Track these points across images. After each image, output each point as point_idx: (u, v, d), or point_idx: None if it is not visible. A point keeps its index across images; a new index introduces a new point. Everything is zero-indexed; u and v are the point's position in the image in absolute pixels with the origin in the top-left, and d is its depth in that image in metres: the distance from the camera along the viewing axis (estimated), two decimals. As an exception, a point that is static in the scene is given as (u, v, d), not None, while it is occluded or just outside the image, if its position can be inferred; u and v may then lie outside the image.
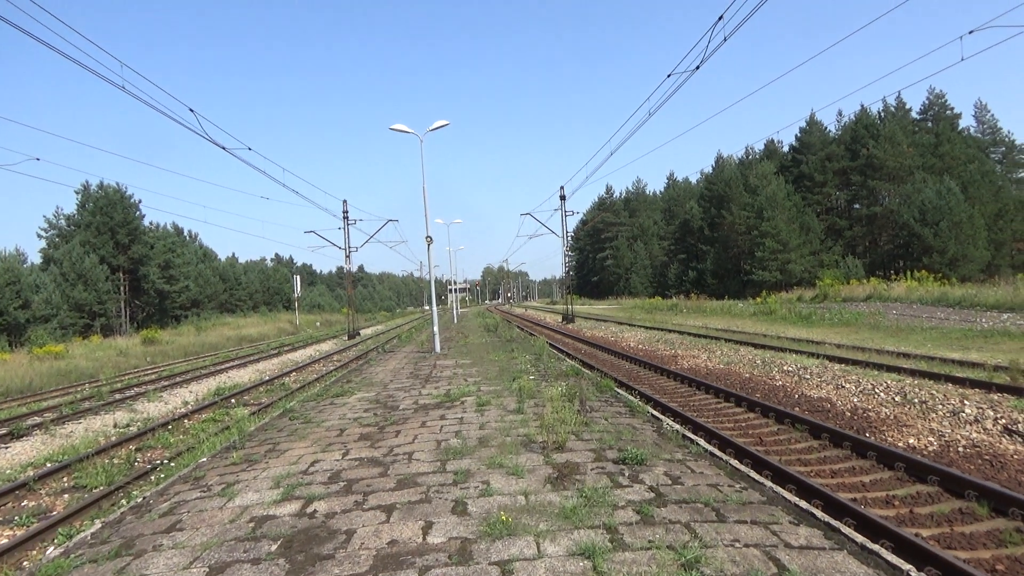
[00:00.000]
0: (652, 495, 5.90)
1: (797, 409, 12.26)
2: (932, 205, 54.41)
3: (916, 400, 11.74)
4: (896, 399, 12.10)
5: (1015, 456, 8.53)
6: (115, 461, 11.00)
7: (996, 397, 11.30)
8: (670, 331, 30.56)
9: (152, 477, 9.57)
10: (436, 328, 23.00)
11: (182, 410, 16.51)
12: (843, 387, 13.75)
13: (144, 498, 7.28)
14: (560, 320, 48.98)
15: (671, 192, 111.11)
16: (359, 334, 48.04)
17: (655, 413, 10.44)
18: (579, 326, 42.14)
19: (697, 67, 13.23)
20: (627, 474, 6.57)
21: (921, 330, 22.35)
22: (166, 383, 22.94)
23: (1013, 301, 26.70)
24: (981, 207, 55.89)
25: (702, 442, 8.25)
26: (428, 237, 22.39)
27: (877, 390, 12.94)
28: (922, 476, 7.77)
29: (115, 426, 15.43)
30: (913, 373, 14.01)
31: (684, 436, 8.48)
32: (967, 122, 74.74)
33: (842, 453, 9.17)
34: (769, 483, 6.54)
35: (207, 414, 15.34)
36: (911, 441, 9.58)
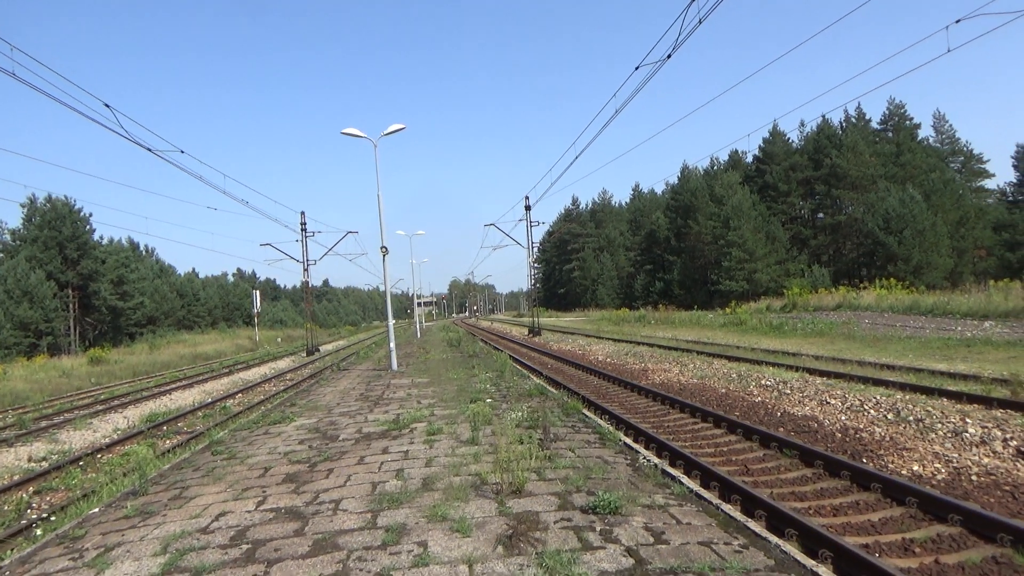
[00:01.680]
0: (631, 561, 4.66)
1: (782, 430, 11.16)
2: (896, 213, 54.52)
3: (911, 418, 10.71)
4: (889, 417, 11.07)
5: (1037, 485, 7.48)
6: (5, 508, 9.45)
7: (999, 414, 10.32)
8: (639, 343, 29.53)
9: (30, 533, 8.05)
10: (392, 345, 21.59)
11: (106, 440, 14.90)
12: (828, 403, 12.71)
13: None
14: (526, 333, 47.77)
15: (637, 203, 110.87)
16: (318, 350, 46.26)
17: (628, 441, 9.22)
18: (546, 339, 40.97)
19: (668, 55, 12.15)
20: (599, 528, 5.32)
21: (899, 339, 21.57)
22: (101, 407, 21.17)
23: (986, 308, 26.20)
24: (943, 215, 56.18)
25: (684, 479, 7.05)
26: (383, 248, 21.02)
27: (866, 407, 11.91)
28: (940, 514, 6.65)
29: (29, 460, 13.79)
30: (903, 387, 13.02)
31: (663, 472, 7.26)
32: (926, 132, 75.57)
33: (841, 484, 8.03)
34: (774, 538, 5.33)
35: (130, 445, 13.74)
36: (915, 468, 8.50)
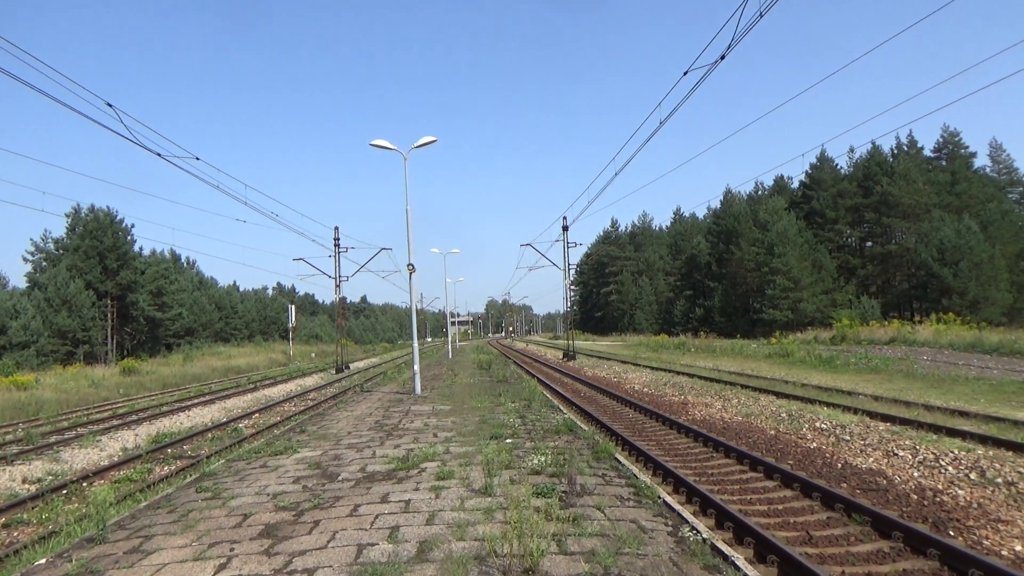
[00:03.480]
0: None
1: (845, 486, 9.69)
2: (951, 244, 51.98)
3: (1000, 480, 9.18)
4: (972, 477, 9.54)
5: None
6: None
7: (1112, 481, 8.75)
8: (678, 373, 27.99)
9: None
10: (417, 367, 20.46)
11: (105, 463, 14.01)
12: (896, 455, 11.19)
13: None
14: (561, 357, 46.38)
15: (677, 227, 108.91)
16: (348, 367, 45.50)
17: (668, 499, 7.88)
18: (580, 364, 39.53)
19: (722, 56, 10.90)
20: (631, 639, 4.06)
21: (965, 380, 19.75)
22: (117, 422, 20.47)
23: (1060, 348, 24.14)
24: (1002, 247, 53.43)
25: (739, 561, 5.70)
26: (410, 265, 20.01)
27: (942, 462, 10.38)
28: (1069, 621, 5.24)
29: (23, 481, 12.97)
30: (983, 440, 11.44)
31: (714, 547, 5.93)
32: (982, 161, 72.56)
33: (929, 567, 6.61)
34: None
35: (126, 471, 12.81)
36: (1018, 548, 7.01)
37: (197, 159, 16.86)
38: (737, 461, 11.53)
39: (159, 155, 15.00)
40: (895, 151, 69.50)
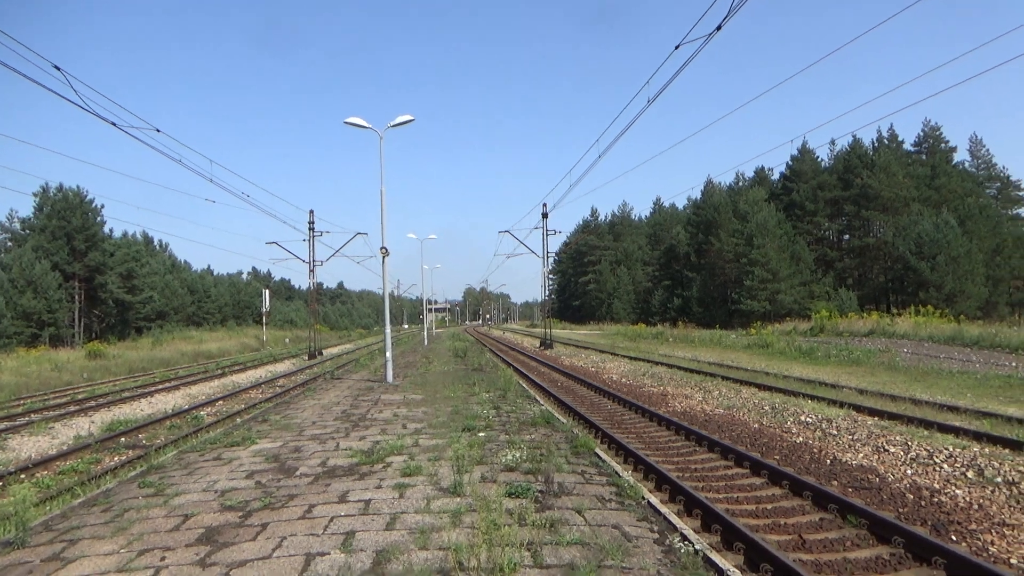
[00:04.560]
0: None
1: (836, 484, 9.17)
2: (929, 238, 52.07)
3: (1000, 480, 8.71)
4: (970, 476, 9.06)
5: None
6: None
7: (1118, 483, 8.30)
8: (657, 363, 27.51)
9: None
10: (389, 354, 19.73)
11: (53, 452, 13.16)
12: (887, 451, 10.70)
13: None
14: (538, 345, 45.80)
15: (657, 217, 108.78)
16: (321, 354, 44.59)
17: (653, 501, 7.27)
18: (557, 353, 38.97)
19: (719, 27, 10.22)
20: None
21: (949, 374, 19.43)
22: (75, 408, 19.56)
23: (1041, 343, 23.96)
24: (979, 242, 53.66)
25: (734, 573, 5.10)
26: (383, 248, 19.23)
27: (936, 459, 9.90)
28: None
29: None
30: (977, 437, 10.99)
31: (706, 559, 5.32)
32: (962, 156, 72.91)
33: (935, 577, 6.09)
34: None
35: (72, 461, 11.98)
36: (1027, 555, 6.51)
37: (157, 131, 15.92)
38: (721, 456, 10.98)
39: (114, 124, 14.06)
40: (876, 144, 69.61)
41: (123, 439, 14.21)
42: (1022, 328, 28.05)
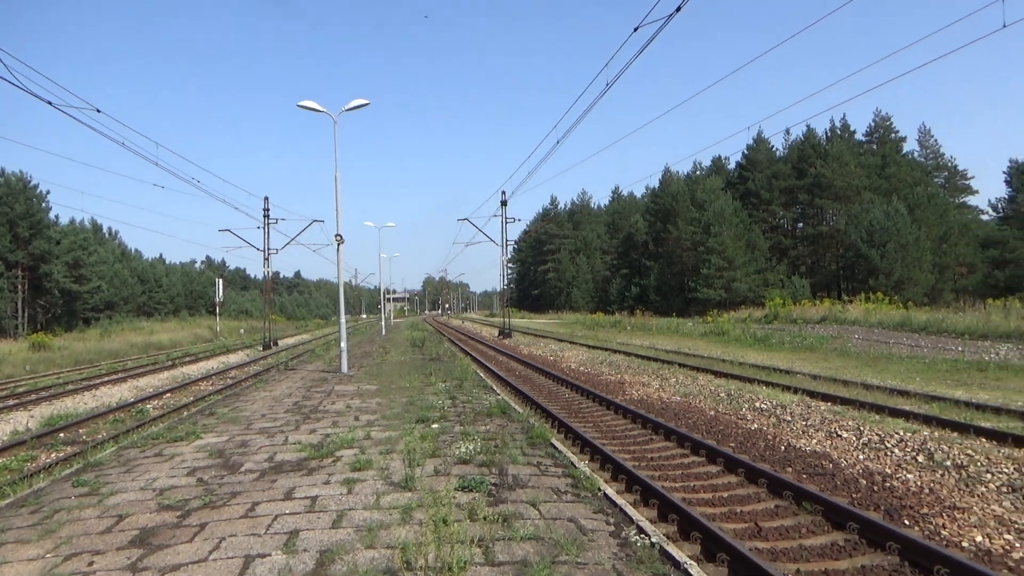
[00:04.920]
0: None
1: (791, 470, 9.19)
2: (880, 226, 53.31)
3: (949, 463, 8.82)
4: (920, 460, 9.16)
5: None
6: None
7: (1062, 464, 8.44)
8: (615, 351, 27.58)
9: None
10: (344, 344, 19.33)
11: (-15, 448, 12.53)
12: (839, 436, 10.80)
13: None
14: (496, 335, 45.65)
15: (616, 205, 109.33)
16: (276, 344, 43.75)
17: (610, 492, 7.15)
18: (516, 342, 38.88)
19: (678, 8, 10.04)
20: None
21: (899, 359, 19.83)
22: (14, 402, 18.82)
23: (985, 328, 24.61)
24: (927, 230, 55.15)
25: (695, 570, 4.98)
26: (338, 236, 18.80)
27: (888, 444, 10.01)
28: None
29: None
30: (927, 420, 11.16)
31: (663, 552, 5.19)
32: (911, 146, 74.81)
33: (889, 563, 6.07)
34: None
35: (5, 458, 11.42)
36: (978, 538, 6.54)
37: (98, 111, 15.23)
38: (678, 444, 10.95)
39: (50, 103, 13.37)
40: (829, 134, 70.96)
41: (62, 435, 13.63)
42: (967, 314, 28.78)
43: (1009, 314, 25.65)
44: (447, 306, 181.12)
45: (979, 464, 8.62)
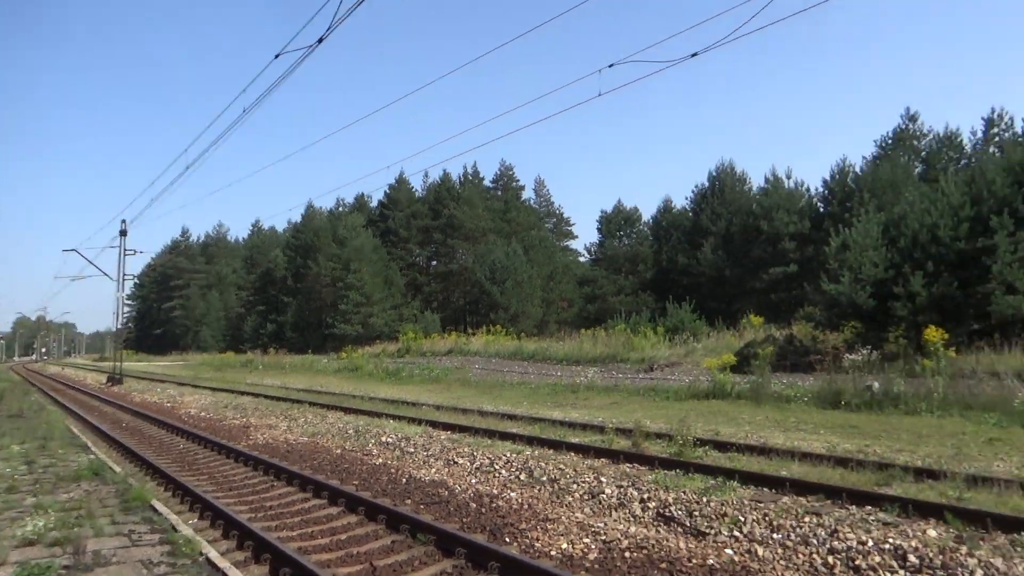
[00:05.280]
0: None
1: (410, 502, 9.37)
2: (501, 265, 59.26)
3: (545, 479, 9.80)
4: (522, 478, 10.04)
5: (688, 557, 6.72)
6: None
7: (628, 469, 9.91)
8: (243, 393, 25.96)
9: None
10: None
11: None
12: (456, 463, 11.40)
13: None
14: (104, 381, 39.96)
15: (255, 239, 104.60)
16: None
17: (213, 556, 6.42)
18: (128, 388, 34.40)
19: (320, 39, 9.76)
20: None
21: (511, 385, 21.93)
22: None
23: (579, 355, 28.60)
24: (538, 268, 62.83)
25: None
26: None
27: (496, 466, 10.82)
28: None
29: None
30: (530, 441, 12.33)
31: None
32: (528, 194, 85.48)
33: (490, 583, 6.41)
34: None
35: None
36: (564, 545, 7.28)
37: None
38: (300, 488, 10.48)
39: None
40: (462, 179, 77.46)
41: None
42: (566, 342, 33.23)
43: (596, 342, 30.30)
44: (44, 351, 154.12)
45: (568, 476, 9.72)
